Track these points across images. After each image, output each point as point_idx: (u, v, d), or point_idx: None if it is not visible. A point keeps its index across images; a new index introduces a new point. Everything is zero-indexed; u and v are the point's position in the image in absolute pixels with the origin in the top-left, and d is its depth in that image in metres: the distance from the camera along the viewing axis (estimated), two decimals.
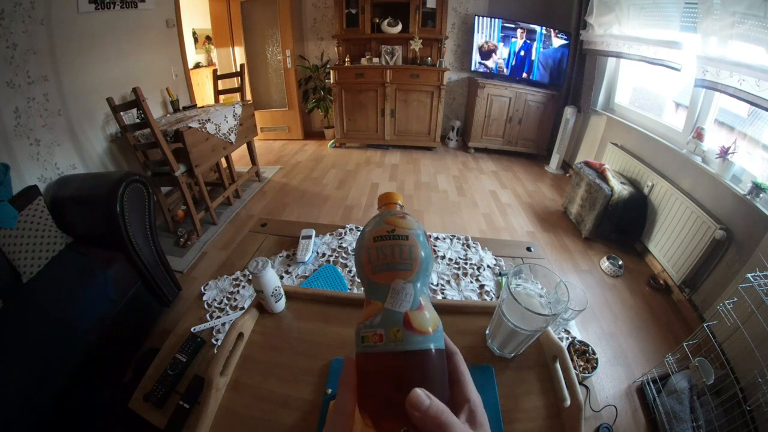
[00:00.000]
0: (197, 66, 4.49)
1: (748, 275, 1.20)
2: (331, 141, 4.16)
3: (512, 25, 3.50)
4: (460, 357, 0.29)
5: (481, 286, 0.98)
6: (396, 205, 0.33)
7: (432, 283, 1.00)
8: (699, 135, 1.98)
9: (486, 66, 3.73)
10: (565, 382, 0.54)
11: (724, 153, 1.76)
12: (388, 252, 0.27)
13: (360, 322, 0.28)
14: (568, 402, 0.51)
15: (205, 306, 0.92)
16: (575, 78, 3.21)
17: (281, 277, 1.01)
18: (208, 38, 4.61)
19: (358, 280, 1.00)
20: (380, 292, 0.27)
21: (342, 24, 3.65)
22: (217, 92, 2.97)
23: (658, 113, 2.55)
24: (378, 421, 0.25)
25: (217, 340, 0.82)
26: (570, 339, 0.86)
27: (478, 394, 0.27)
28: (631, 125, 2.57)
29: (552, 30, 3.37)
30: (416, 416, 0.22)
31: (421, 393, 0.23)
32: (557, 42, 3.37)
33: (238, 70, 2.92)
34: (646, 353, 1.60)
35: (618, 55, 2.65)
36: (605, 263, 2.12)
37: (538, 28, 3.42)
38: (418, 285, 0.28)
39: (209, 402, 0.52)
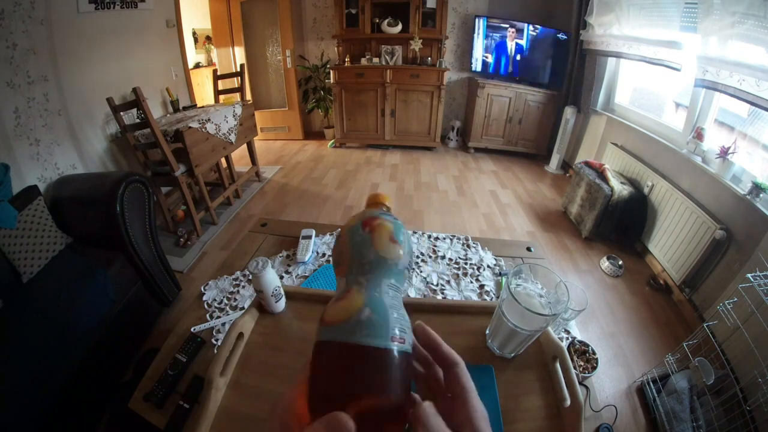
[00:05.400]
0: (197, 66, 4.49)
1: (748, 275, 1.20)
2: (331, 141, 4.16)
3: (512, 25, 3.50)
4: (463, 368, 0.25)
5: (481, 286, 0.98)
6: (381, 206, 0.34)
7: (432, 283, 1.00)
8: (699, 135, 1.98)
9: (486, 65, 3.73)
10: (565, 382, 0.54)
11: (724, 153, 1.76)
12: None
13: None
14: (568, 402, 0.52)
15: (205, 306, 0.92)
16: (575, 78, 3.21)
17: (281, 277, 1.01)
18: (208, 38, 4.61)
19: None
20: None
21: (342, 24, 3.64)
22: (217, 92, 2.97)
23: (658, 113, 2.55)
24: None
25: (217, 340, 0.82)
26: (570, 339, 0.86)
27: (484, 412, 0.24)
28: (631, 125, 2.57)
29: (552, 30, 3.37)
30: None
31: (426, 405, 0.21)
32: (557, 42, 3.36)
33: (238, 70, 2.92)
34: (646, 353, 1.60)
35: (618, 55, 2.64)
36: (605, 263, 2.12)
37: (537, 27, 3.41)
38: (351, 277, 0.28)
39: (209, 402, 0.52)
